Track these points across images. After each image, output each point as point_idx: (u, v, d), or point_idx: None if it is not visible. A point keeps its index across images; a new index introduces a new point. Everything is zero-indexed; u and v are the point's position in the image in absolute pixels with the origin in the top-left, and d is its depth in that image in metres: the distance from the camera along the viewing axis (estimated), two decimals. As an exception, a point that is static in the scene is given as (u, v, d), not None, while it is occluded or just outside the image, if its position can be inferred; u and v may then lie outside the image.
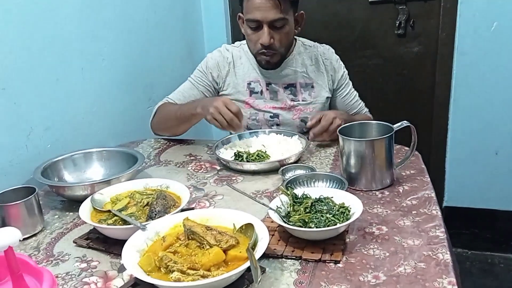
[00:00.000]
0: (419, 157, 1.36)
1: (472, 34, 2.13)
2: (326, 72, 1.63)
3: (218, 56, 1.65)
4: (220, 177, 1.35)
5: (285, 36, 1.51)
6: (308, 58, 1.63)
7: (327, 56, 1.65)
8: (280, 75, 1.61)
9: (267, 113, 1.63)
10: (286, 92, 1.62)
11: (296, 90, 1.62)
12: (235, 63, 1.64)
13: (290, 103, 1.62)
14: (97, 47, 1.63)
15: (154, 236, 0.94)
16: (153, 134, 1.68)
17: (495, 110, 2.21)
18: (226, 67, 1.63)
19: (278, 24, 1.46)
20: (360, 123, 1.29)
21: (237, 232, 0.94)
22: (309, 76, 1.62)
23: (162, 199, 1.07)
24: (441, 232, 0.98)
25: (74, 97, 1.53)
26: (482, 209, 2.37)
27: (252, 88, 1.63)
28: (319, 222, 0.96)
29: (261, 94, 1.63)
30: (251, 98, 1.63)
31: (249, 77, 1.63)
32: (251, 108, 1.63)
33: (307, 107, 1.63)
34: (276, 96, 1.62)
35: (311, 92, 1.63)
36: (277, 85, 1.62)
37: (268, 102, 1.63)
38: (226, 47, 1.68)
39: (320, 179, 1.21)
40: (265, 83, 1.62)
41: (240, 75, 1.63)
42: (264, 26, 1.46)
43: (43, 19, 1.40)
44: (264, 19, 1.44)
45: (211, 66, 1.64)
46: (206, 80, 1.64)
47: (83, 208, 1.07)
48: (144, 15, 1.92)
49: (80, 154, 1.36)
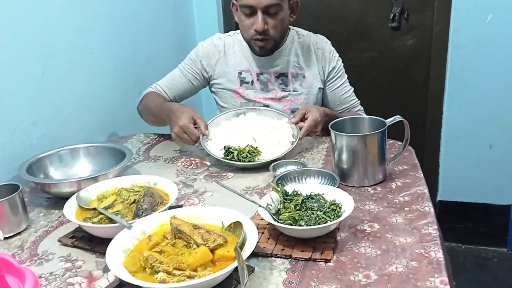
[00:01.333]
0: (412, 152, 1.34)
1: (467, 27, 2.11)
2: (317, 61, 1.61)
3: (209, 44, 1.63)
4: (210, 173, 1.32)
5: (280, 23, 1.48)
6: (300, 47, 1.61)
7: (319, 45, 1.62)
8: (272, 64, 1.59)
9: (258, 103, 1.61)
10: (278, 82, 1.60)
11: (288, 79, 1.60)
12: (226, 52, 1.61)
13: (281, 93, 1.60)
14: (85, 39, 1.59)
15: (140, 235, 0.92)
16: (148, 127, 1.66)
17: (489, 103, 2.20)
18: (216, 55, 1.61)
19: (272, 10, 1.44)
20: (353, 117, 1.27)
21: (226, 231, 0.92)
22: (300, 66, 1.60)
23: (149, 197, 1.05)
24: (434, 229, 0.96)
25: (61, 91, 1.49)
26: (476, 203, 2.36)
27: (243, 77, 1.61)
28: (309, 219, 0.94)
29: (251, 84, 1.61)
30: (241, 87, 1.61)
31: (240, 66, 1.60)
32: (242, 97, 1.62)
33: (298, 98, 1.61)
34: (267, 87, 1.60)
35: (303, 83, 1.60)
36: (269, 74, 1.60)
37: (259, 93, 1.61)
38: (219, 36, 1.66)
39: (312, 175, 1.19)
40: (256, 73, 1.60)
41: (231, 63, 1.61)
42: (258, 12, 1.43)
43: (28, 11, 1.36)
44: (258, 5, 1.42)
45: (201, 54, 1.62)
46: (195, 68, 1.62)
47: (68, 206, 1.04)
48: (134, 6, 1.88)
49: (67, 150, 1.33)
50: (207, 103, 2.33)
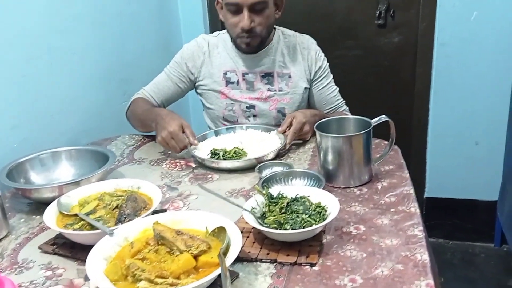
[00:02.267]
0: (398, 151, 1.34)
1: (452, 25, 2.12)
2: (304, 61, 1.60)
3: (193, 46, 1.61)
4: (195, 175, 1.30)
5: (266, 20, 1.47)
6: (286, 47, 1.60)
7: (305, 45, 1.61)
8: (258, 64, 1.57)
9: (244, 103, 1.59)
10: (263, 81, 1.59)
11: (273, 79, 1.59)
12: (211, 53, 1.60)
13: (267, 93, 1.59)
14: (66, 41, 1.56)
15: (122, 241, 0.90)
16: (133, 129, 1.63)
17: (475, 101, 2.20)
18: (201, 57, 1.59)
19: (258, 7, 1.43)
20: (338, 118, 1.26)
21: (210, 236, 0.91)
22: (286, 66, 1.59)
23: (132, 201, 1.03)
24: (419, 230, 0.95)
25: (43, 94, 1.46)
26: (463, 199, 2.37)
27: (228, 78, 1.59)
28: (294, 223, 0.93)
29: (237, 84, 1.59)
30: (227, 88, 1.59)
31: (225, 67, 1.59)
32: (227, 98, 1.60)
33: (284, 97, 1.59)
34: (253, 87, 1.59)
35: (288, 82, 1.59)
36: (254, 74, 1.58)
37: (244, 93, 1.59)
38: (203, 37, 1.64)
39: (298, 176, 1.18)
40: (242, 73, 1.58)
41: (216, 64, 1.59)
42: (244, 9, 1.42)
43: (7, 11, 1.33)
44: (244, 2, 1.41)
45: (186, 56, 1.60)
46: (181, 71, 1.60)
47: (48, 212, 1.02)
48: (117, 6, 1.85)
49: (48, 154, 1.30)
50: (194, 104, 2.31)
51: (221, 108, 1.60)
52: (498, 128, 2.17)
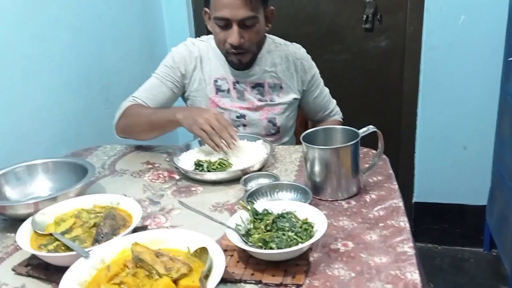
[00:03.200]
0: (387, 161, 1.30)
1: (439, 28, 2.10)
2: (296, 72, 1.56)
3: (184, 50, 1.54)
4: (179, 188, 1.26)
5: (256, 35, 1.42)
6: (278, 56, 1.55)
7: (298, 55, 1.56)
8: (249, 74, 1.53)
9: (234, 112, 1.55)
10: (254, 92, 1.54)
11: (264, 90, 1.54)
12: (203, 59, 1.54)
13: (258, 103, 1.54)
14: (42, 47, 1.50)
15: (98, 264, 0.85)
16: (116, 137, 1.54)
17: (463, 105, 2.19)
18: (193, 62, 1.53)
19: (248, 23, 1.37)
20: (325, 128, 1.22)
21: (192, 256, 0.86)
22: (278, 76, 1.54)
23: (111, 219, 0.98)
24: (410, 247, 0.92)
25: (17, 104, 1.41)
26: (452, 204, 2.37)
27: (218, 85, 1.54)
28: (280, 241, 0.89)
29: (228, 93, 1.54)
30: (217, 96, 1.54)
31: (216, 74, 1.53)
32: (217, 106, 1.55)
33: (275, 108, 1.55)
34: (243, 96, 1.54)
35: (280, 93, 1.55)
36: (245, 84, 1.53)
37: (235, 102, 1.54)
38: (192, 41, 1.57)
39: (284, 189, 1.14)
40: (232, 82, 1.53)
41: (206, 71, 1.54)
42: (233, 25, 1.36)
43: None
44: (234, 18, 1.35)
45: (178, 61, 1.53)
46: (174, 76, 1.53)
47: (21, 231, 0.97)
48: (96, 10, 1.80)
49: (23, 167, 1.24)
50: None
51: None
52: (486, 132, 2.16)
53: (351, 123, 1.68)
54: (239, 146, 1.36)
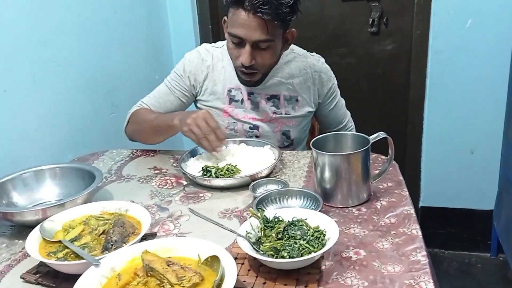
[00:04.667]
0: (397, 167, 1.29)
1: (446, 32, 2.09)
2: (313, 85, 1.51)
3: (196, 58, 1.50)
4: (187, 194, 1.25)
5: (269, 57, 1.37)
6: (296, 68, 1.49)
7: (316, 68, 1.51)
8: (264, 86, 1.48)
9: (247, 124, 1.51)
10: (269, 104, 1.50)
11: (279, 102, 1.50)
12: (215, 67, 1.50)
13: (272, 115, 1.50)
14: (49, 52, 1.50)
15: (109, 272, 0.84)
16: (122, 141, 1.55)
17: (470, 108, 2.18)
18: (204, 71, 1.49)
19: (262, 46, 1.32)
20: (335, 134, 1.21)
21: (202, 265, 0.85)
22: (294, 89, 1.50)
23: (120, 227, 0.97)
24: (423, 256, 0.91)
25: (25, 108, 1.40)
26: (458, 208, 2.35)
27: (232, 95, 1.50)
28: (292, 250, 0.88)
29: (241, 103, 1.50)
30: (230, 106, 1.50)
31: (230, 84, 1.49)
32: (230, 117, 1.51)
33: (290, 120, 1.52)
34: (258, 107, 1.50)
35: (295, 106, 1.51)
36: (260, 95, 1.49)
37: (249, 113, 1.51)
38: (206, 48, 1.53)
39: (293, 195, 1.13)
40: (247, 92, 1.49)
41: (220, 80, 1.49)
42: (246, 44, 1.31)
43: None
44: (248, 38, 1.30)
45: (188, 69, 1.50)
46: (183, 85, 1.50)
47: (31, 238, 0.96)
48: (103, 15, 1.79)
49: (31, 173, 1.23)
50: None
51: (222, 127, 1.49)
52: (494, 136, 2.14)
53: (357, 127, 1.68)
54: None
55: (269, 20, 1.27)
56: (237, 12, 1.28)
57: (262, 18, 1.26)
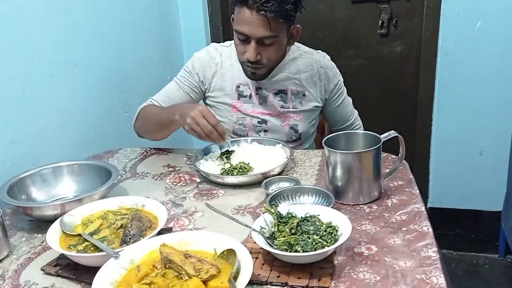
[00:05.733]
0: (407, 166, 1.31)
1: (456, 34, 2.10)
2: (320, 81, 1.55)
3: (205, 56, 1.55)
4: (200, 191, 1.28)
5: (274, 53, 1.42)
6: (303, 64, 1.54)
7: (322, 64, 1.56)
8: (272, 81, 1.52)
9: (255, 118, 1.55)
10: (276, 99, 1.54)
11: (287, 97, 1.54)
12: (223, 64, 1.54)
13: (280, 109, 1.54)
14: (67, 52, 1.53)
15: (128, 264, 0.87)
16: (135, 140, 1.58)
17: (479, 110, 2.19)
18: (212, 68, 1.54)
19: (267, 42, 1.37)
20: (346, 133, 1.23)
21: (219, 258, 0.88)
22: (301, 84, 1.54)
23: (137, 221, 1.00)
24: (434, 251, 0.93)
25: (43, 107, 1.43)
26: (467, 209, 2.35)
27: (241, 91, 1.54)
28: (305, 244, 0.91)
29: (249, 98, 1.54)
30: (239, 101, 1.55)
31: (239, 80, 1.53)
32: (239, 112, 1.55)
33: (297, 114, 1.56)
34: (266, 102, 1.54)
35: (302, 101, 1.55)
36: (267, 90, 1.53)
37: (257, 107, 1.55)
38: (215, 46, 1.58)
39: (306, 193, 1.15)
40: (255, 87, 1.53)
41: (228, 76, 1.54)
42: (252, 41, 1.36)
43: (7, 24, 1.30)
44: (252, 35, 1.35)
45: (197, 66, 1.54)
46: (192, 81, 1.55)
47: (51, 232, 0.99)
48: (117, 16, 1.83)
49: (49, 169, 1.27)
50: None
51: (231, 122, 1.56)
52: (503, 138, 2.15)
53: (366, 128, 1.70)
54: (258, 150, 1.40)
55: (273, 17, 1.31)
56: (242, 10, 1.34)
57: (265, 15, 1.30)
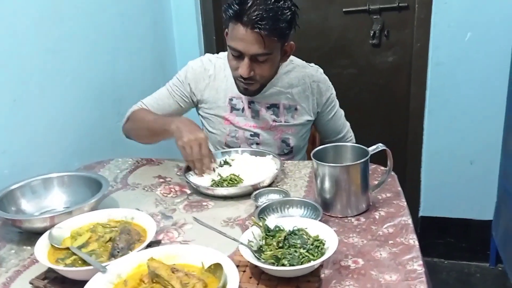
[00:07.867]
0: (395, 178, 1.32)
1: (446, 45, 2.13)
2: (312, 95, 1.56)
3: (199, 67, 1.56)
4: (190, 203, 1.28)
5: (268, 69, 1.41)
6: (295, 78, 1.54)
7: (315, 78, 1.56)
8: (264, 95, 1.53)
9: (248, 131, 1.56)
10: (269, 112, 1.55)
11: (279, 111, 1.55)
12: (217, 76, 1.55)
13: (272, 123, 1.55)
14: (58, 62, 1.54)
15: (115, 278, 0.88)
16: (127, 150, 1.60)
17: (469, 120, 2.21)
18: (205, 80, 1.55)
19: (260, 59, 1.37)
20: (335, 145, 1.24)
21: (206, 272, 0.88)
22: (293, 98, 1.54)
23: (126, 234, 1.00)
24: (419, 265, 0.94)
25: (33, 117, 1.44)
26: (458, 218, 2.37)
27: (233, 104, 1.55)
28: (292, 258, 0.91)
29: (242, 112, 1.55)
30: (231, 114, 1.55)
31: (232, 92, 1.54)
32: (231, 124, 1.56)
33: (289, 128, 1.57)
34: (258, 116, 1.55)
35: (294, 115, 1.56)
36: (260, 104, 1.54)
37: (249, 121, 1.55)
38: (209, 58, 1.59)
39: (294, 205, 1.16)
40: (248, 101, 1.54)
41: (222, 89, 1.54)
42: (245, 57, 1.35)
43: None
44: (246, 52, 1.34)
45: (190, 76, 1.55)
46: (184, 91, 1.56)
47: (39, 245, 0.99)
48: (110, 25, 1.84)
49: (39, 181, 1.26)
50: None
51: (223, 134, 1.57)
52: (493, 148, 2.17)
53: (358, 138, 1.72)
54: (248, 161, 1.41)
55: (267, 35, 1.31)
56: (236, 27, 1.33)
57: (260, 33, 1.30)
